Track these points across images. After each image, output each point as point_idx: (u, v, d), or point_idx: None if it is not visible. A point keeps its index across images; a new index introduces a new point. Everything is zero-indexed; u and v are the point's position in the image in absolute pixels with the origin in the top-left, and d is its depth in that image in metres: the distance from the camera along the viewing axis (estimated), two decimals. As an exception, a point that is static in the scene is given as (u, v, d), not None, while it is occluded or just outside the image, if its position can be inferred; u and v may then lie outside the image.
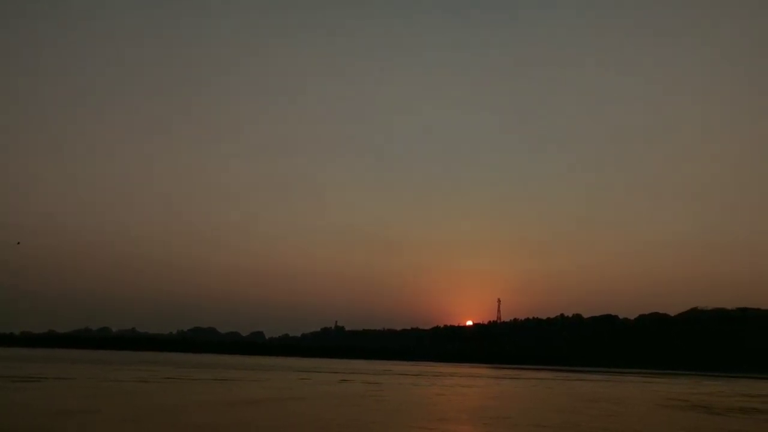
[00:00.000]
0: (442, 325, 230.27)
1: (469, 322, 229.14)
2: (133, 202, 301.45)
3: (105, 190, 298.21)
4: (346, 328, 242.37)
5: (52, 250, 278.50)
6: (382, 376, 47.87)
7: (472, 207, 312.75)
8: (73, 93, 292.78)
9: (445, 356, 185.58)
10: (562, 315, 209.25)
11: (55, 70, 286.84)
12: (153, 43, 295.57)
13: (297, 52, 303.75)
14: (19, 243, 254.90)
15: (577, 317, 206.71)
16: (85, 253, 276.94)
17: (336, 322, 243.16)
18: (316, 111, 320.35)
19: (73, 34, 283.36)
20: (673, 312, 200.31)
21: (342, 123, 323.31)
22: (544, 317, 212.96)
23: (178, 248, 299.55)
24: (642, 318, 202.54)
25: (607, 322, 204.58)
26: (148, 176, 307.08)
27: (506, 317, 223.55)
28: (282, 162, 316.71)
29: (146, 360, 70.28)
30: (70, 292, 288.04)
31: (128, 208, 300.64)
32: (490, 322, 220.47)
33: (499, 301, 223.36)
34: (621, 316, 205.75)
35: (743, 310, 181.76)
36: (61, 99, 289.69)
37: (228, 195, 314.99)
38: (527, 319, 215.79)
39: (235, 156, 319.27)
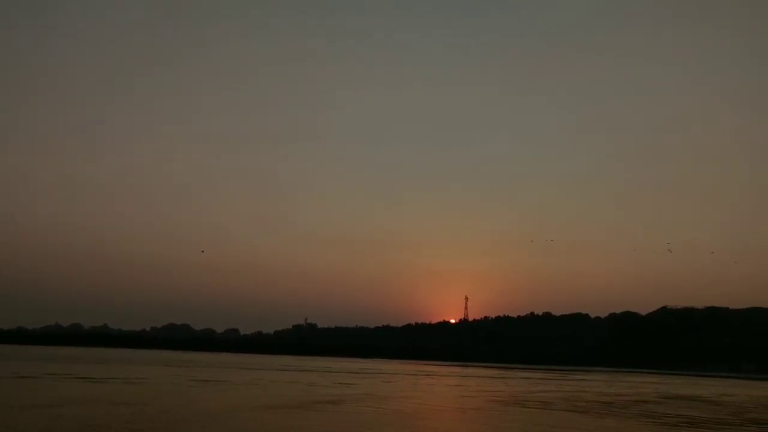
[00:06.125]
0: (413, 323, 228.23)
1: (452, 320, 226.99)
2: (105, 199, 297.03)
3: (77, 186, 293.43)
4: (318, 326, 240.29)
5: (21, 245, 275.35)
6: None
7: (443, 205, 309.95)
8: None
9: (416, 354, 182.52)
10: (532, 313, 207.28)
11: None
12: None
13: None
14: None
15: (548, 315, 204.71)
16: (55, 249, 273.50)
17: (306, 319, 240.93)
18: (289, 104, 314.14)
19: None
20: (643, 311, 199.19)
21: (317, 119, 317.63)
22: (515, 315, 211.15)
23: (149, 244, 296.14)
24: (613, 316, 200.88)
25: (579, 320, 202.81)
26: (121, 172, 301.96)
27: (477, 315, 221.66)
28: (252, 157, 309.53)
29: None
30: (39, 288, 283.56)
31: (99, 204, 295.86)
32: (460, 320, 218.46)
33: (466, 298, 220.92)
34: (592, 315, 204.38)
35: (711, 309, 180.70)
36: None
37: (198, 192, 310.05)
38: (498, 317, 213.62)
39: (203, 152, 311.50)
